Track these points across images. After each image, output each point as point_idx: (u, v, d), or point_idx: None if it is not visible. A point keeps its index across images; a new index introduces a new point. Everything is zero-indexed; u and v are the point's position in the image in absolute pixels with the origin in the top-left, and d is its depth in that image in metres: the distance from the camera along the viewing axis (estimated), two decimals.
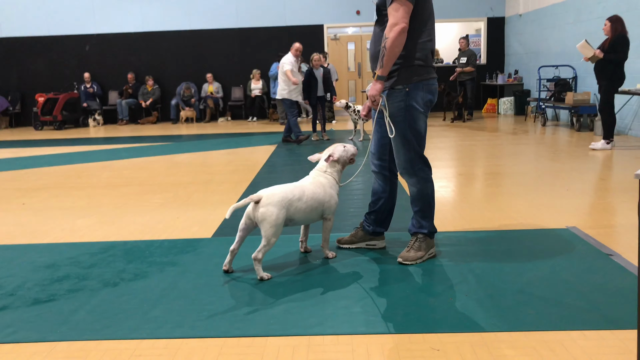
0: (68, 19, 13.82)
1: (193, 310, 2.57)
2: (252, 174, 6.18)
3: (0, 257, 3.47)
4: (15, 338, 2.35)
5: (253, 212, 2.90)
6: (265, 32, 13.73)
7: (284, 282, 2.88)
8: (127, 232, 3.99)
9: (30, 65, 14.09)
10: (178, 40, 13.81)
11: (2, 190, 5.73)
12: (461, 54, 11.71)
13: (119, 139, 10.42)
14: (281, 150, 8.09)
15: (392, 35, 2.82)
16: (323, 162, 3.23)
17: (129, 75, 13.82)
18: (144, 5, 13.71)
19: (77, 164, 7.46)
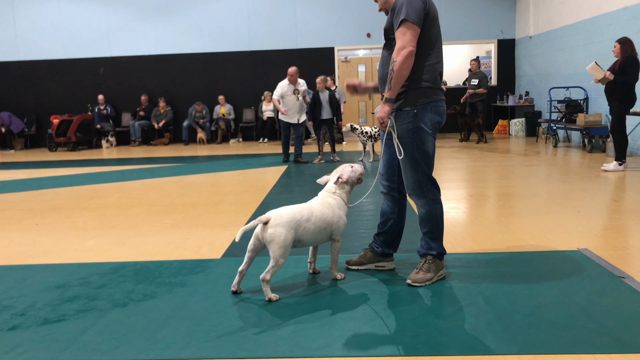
0: (83, 42, 14.10)
1: (201, 331, 2.57)
2: (263, 194, 6.20)
3: (13, 277, 3.51)
4: (25, 358, 2.36)
5: (261, 233, 2.91)
6: (276, 54, 13.91)
7: (292, 303, 2.87)
8: (138, 252, 4.02)
9: (46, 88, 14.35)
10: (190, 62, 14.02)
11: (16, 211, 5.80)
12: (472, 76, 11.75)
13: (131, 160, 10.53)
14: (292, 171, 8.12)
15: (399, 59, 2.85)
16: (332, 184, 3.25)
17: (142, 97, 14.02)
18: (157, 29, 13.96)
19: (89, 184, 7.54)
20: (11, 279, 3.47)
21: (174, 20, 13.95)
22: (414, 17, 2.86)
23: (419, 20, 2.88)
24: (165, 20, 13.96)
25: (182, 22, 13.96)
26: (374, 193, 5.83)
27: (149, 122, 13.94)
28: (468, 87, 11.77)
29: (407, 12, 2.86)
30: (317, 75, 13.63)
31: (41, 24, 14.07)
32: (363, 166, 3.36)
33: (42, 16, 14.05)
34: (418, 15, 2.88)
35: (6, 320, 2.78)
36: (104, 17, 13.99)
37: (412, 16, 2.86)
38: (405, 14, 2.86)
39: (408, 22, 2.86)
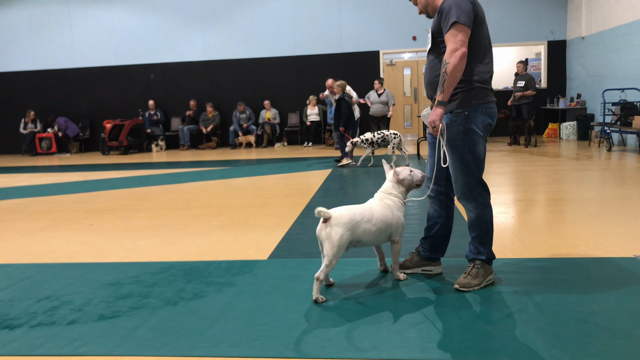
0: (134, 49, 14.56)
1: (249, 330, 2.61)
2: (307, 198, 6.24)
3: (70, 275, 3.66)
4: (83, 351, 2.46)
5: (320, 231, 2.95)
6: (321, 59, 13.98)
7: (339, 304, 2.88)
8: (187, 252, 4.12)
9: (100, 94, 14.89)
10: (237, 68, 14.27)
11: (72, 212, 6.05)
12: (518, 78, 11.50)
13: (180, 164, 10.79)
14: (336, 174, 8.14)
15: (453, 61, 2.82)
16: (388, 183, 3.25)
17: (190, 102, 14.36)
18: (206, 35, 14.28)
19: (140, 187, 7.78)
20: (68, 276, 3.61)
21: (221, 27, 14.24)
22: (465, 19, 2.83)
23: (469, 22, 2.85)
24: (213, 27, 14.26)
25: (229, 29, 14.23)
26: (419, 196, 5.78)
27: (197, 126, 14.26)
28: (514, 89, 11.52)
29: (458, 14, 2.83)
30: (362, 79, 13.64)
31: (95, 32, 14.63)
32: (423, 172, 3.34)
33: (96, 25, 14.60)
34: (468, 16, 2.85)
35: (65, 315, 2.91)
36: (154, 25, 14.42)
37: (462, 18, 2.83)
38: (455, 16, 2.83)
39: (459, 24, 2.83)
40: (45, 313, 2.95)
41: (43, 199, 7.09)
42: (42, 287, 3.42)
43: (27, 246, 4.53)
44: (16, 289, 3.38)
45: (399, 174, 3.24)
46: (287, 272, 3.50)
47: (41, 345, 2.54)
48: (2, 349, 2.52)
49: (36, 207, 6.43)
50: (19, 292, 3.32)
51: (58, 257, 4.13)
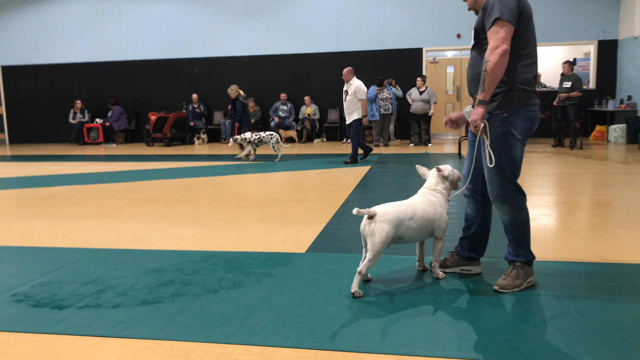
0: (180, 43, 14.85)
1: (287, 321, 2.65)
2: (345, 193, 6.26)
3: (115, 260, 3.78)
4: (127, 334, 2.55)
5: (365, 227, 2.97)
6: (363, 55, 13.95)
7: (377, 300, 2.89)
8: (227, 243, 4.20)
9: (145, 86, 15.25)
10: (279, 63, 14.37)
11: (118, 200, 6.24)
12: (564, 79, 11.19)
13: (221, 157, 10.97)
14: (374, 171, 8.13)
15: (493, 58, 2.78)
16: (432, 180, 3.25)
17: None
18: (250, 31, 14.44)
19: (183, 178, 7.95)
20: (114, 262, 3.74)
21: (264, 23, 14.37)
22: (508, 16, 2.78)
23: (512, 19, 2.80)
24: (257, 23, 14.40)
25: (272, 24, 14.34)
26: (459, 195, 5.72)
27: None
28: (560, 90, 11.21)
29: (501, 11, 2.78)
30: (404, 75, 13.54)
31: (143, 26, 14.98)
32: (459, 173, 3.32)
33: (144, 19, 14.95)
34: (512, 13, 2.79)
35: (110, 299, 3.01)
36: (200, 20, 14.66)
37: (506, 14, 2.78)
38: (498, 12, 2.79)
39: (501, 21, 2.79)
40: (91, 296, 3.07)
41: (90, 186, 7.33)
42: (89, 270, 3.55)
43: (76, 231, 4.71)
44: (65, 272, 3.53)
45: (443, 170, 3.23)
46: (324, 266, 3.53)
47: (88, 326, 2.64)
48: (52, 328, 2.63)
49: (84, 195, 6.65)
50: (67, 275, 3.46)
51: (104, 243, 4.27)
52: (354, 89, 8.91)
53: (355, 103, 8.96)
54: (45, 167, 9.76)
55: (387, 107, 12.27)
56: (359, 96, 8.90)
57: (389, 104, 12.27)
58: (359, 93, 8.90)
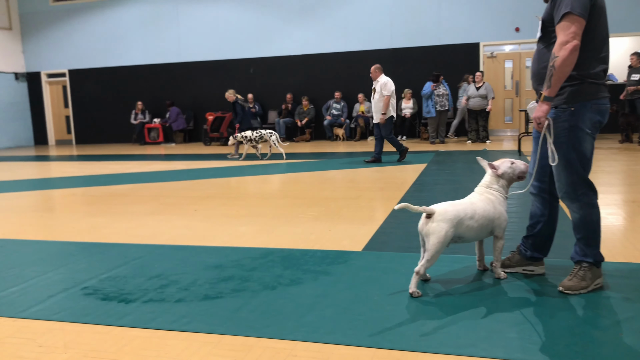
0: (236, 44, 15.13)
1: (345, 319, 2.65)
2: (401, 192, 6.20)
3: (177, 256, 3.90)
4: (190, 327, 2.62)
5: (423, 226, 2.93)
6: (418, 51, 13.77)
7: (436, 299, 2.85)
8: (284, 240, 4.24)
9: (203, 87, 15.64)
10: (333, 61, 14.40)
11: (178, 198, 6.42)
12: (632, 71, 10.65)
13: (275, 155, 11.10)
14: (431, 169, 8.01)
15: (562, 54, 2.67)
16: (487, 177, 3.17)
17: (287, 96, 14.70)
18: (304, 30, 14.53)
19: (239, 176, 8.10)
20: (176, 258, 3.86)
21: (318, 21, 14.42)
22: (579, 9, 2.66)
23: (584, 12, 2.67)
24: (311, 21, 14.48)
25: (326, 23, 14.38)
26: (519, 193, 5.55)
27: (292, 119, 14.58)
28: (627, 83, 10.68)
29: (572, 4, 2.67)
30: (460, 72, 13.27)
31: (200, 28, 15.36)
32: (526, 163, 3.22)
33: (201, 21, 15.32)
34: (584, 7, 2.67)
35: (173, 293, 3.11)
36: (255, 20, 14.89)
37: (577, 8, 2.66)
38: (570, 6, 2.67)
39: (572, 15, 2.67)
40: (155, 290, 3.17)
41: (151, 185, 7.59)
42: (153, 266, 3.67)
43: (139, 228, 4.88)
44: (130, 267, 3.66)
45: (497, 168, 3.14)
46: (381, 264, 3.50)
47: (153, 320, 2.74)
48: (119, 321, 2.74)
49: (146, 192, 6.89)
50: (132, 270, 3.59)
51: (166, 239, 4.41)
52: (381, 86, 8.75)
53: (383, 101, 8.82)
54: (109, 166, 10.18)
55: (444, 104, 12.06)
56: (385, 93, 8.71)
57: (445, 100, 12.07)
58: (385, 90, 8.72)
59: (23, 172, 9.76)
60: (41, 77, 17.07)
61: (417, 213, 3.07)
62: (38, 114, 17.37)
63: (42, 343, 2.53)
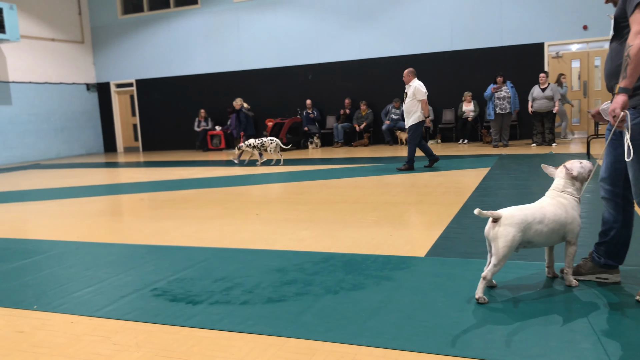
0: (294, 51, 15.32)
1: (409, 325, 2.62)
2: (464, 197, 6.07)
3: (241, 259, 3.98)
4: (255, 330, 2.67)
5: (490, 231, 2.87)
6: (479, 53, 13.47)
7: (503, 306, 2.76)
8: (345, 245, 4.25)
9: (262, 94, 15.92)
10: (392, 65, 14.31)
11: (240, 203, 6.56)
12: None
13: (334, 160, 11.14)
14: (494, 173, 7.80)
15: (637, 42, 2.55)
16: (560, 181, 3.05)
17: (345, 101, 14.73)
18: (361, 34, 14.53)
19: (299, 181, 8.18)
20: (239, 261, 3.94)
21: (376, 26, 14.38)
22: None
23: None
24: (369, 26, 14.46)
25: (384, 27, 14.32)
26: (590, 196, 5.31)
27: (351, 124, 14.59)
28: None
29: None
30: (524, 73, 12.89)
31: (260, 36, 15.66)
32: (593, 163, 3.08)
33: (261, 30, 15.62)
34: None
35: (238, 296, 3.17)
36: (313, 27, 15.03)
37: None
38: None
39: None
40: (221, 292, 3.25)
41: (215, 189, 7.79)
42: (218, 268, 3.76)
43: (204, 231, 5.02)
44: (196, 269, 3.77)
45: (571, 169, 3.02)
46: (445, 270, 3.44)
47: (219, 321, 2.80)
48: (187, 321, 2.83)
49: (209, 197, 7.08)
50: (198, 272, 3.70)
51: (230, 243, 4.51)
52: (413, 90, 8.58)
53: (415, 105, 8.59)
54: (174, 172, 10.52)
55: (504, 107, 11.72)
56: (418, 97, 8.53)
57: (507, 103, 11.73)
58: (417, 94, 8.54)
59: (94, 178, 10.26)
60: (110, 87, 17.90)
61: (484, 218, 2.99)
62: (107, 122, 18.22)
63: (116, 341, 2.64)
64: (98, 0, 17.57)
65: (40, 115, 16.00)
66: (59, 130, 16.65)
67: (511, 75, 12.68)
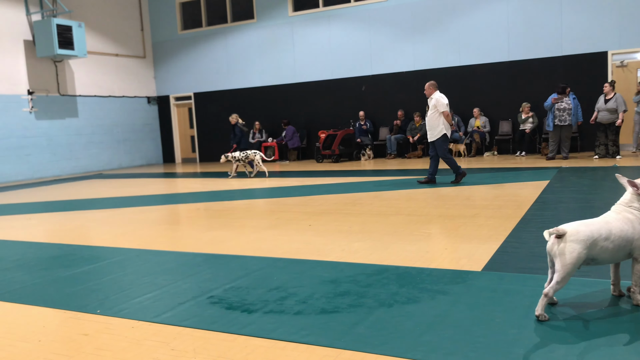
0: (348, 63, 15.39)
1: (466, 340, 2.56)
2: (522, 210, 5.89)
3: (294, 269, 4.01)
4: (309, 340, 2.67)
5: (553, 247, 2.78)
6: (538, 63, 13.11)
7: (565, 324, 2.66)
8: (399, 258, 4.20)
9: (316, 106, 16.05)
10: (446, 76, 14.14)
11: (293, 213, 6.61)
12: None
13: (387, 172, 11.07)
14: (554, 186, 7.54)
15: None
16: (627, 195, 2.92)
17: (399, 112, 14.64)
18: (416, 46, 14.45)
19: (351, 193, 8.17)
20: (292, 271, 3.96)
21: (431, 37, 14.26)
22: None
23: None
24: (423, 37, 14.36)
25: (439, 38, 14.18)
26: None
27: (404, 135, 14.48)
28: None
29: None
30: (586, 83, 12.43)
31: (314, 49, 15.83)
32: None
33: (315, 43, 15.79)
34: None
35: (292, 306, 3.19)
36: (366, 39, 15.06)
37: None
38: None
39: None
40: (275, 302, 3.28)
41: (268, 200, 7.89)
42: (272, 278, 3.80)
43: (258, 241, 5.09)
44: (251, 278, 3.82)
45: (638, 186, 2.88)
46: (503, 285, 3.35)
47: (274, 330, 2.83)
48: (243, 329, 2.87)
49: (262, 208, 7.18)
50: (253, 281, 3.75)
51: (283, 253, 4.55)
52: (434, 102, 8.37)
53: (437, 118, 8.34)
54: (229, 183, 10.74)
55: (563, 118, 11.33)
56: (440, 109, 8.30)
57: (567, 115, 11.33)
58: (439, 106, 8.31)
59: (154, 188, 10.60)
60: (170, 100, 18.51)
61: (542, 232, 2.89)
62: (167, 134, 18.82)
63: (174, 347, 2.71)
64: (159, 17, 18.27)
65: (104, 127, 16.72)
66: (121, 142, 17.33)
67: (572, 85, 12.25)
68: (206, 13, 17.65)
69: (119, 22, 17.27)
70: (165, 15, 18.15)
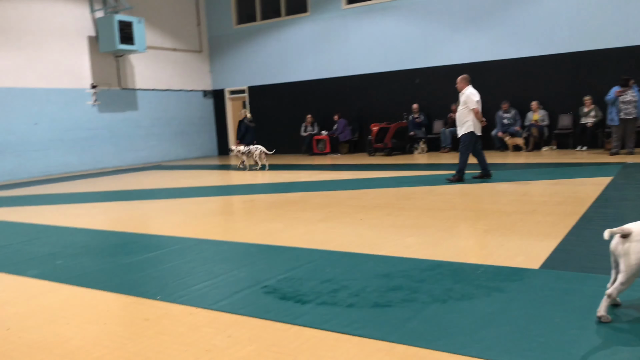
0: (402, 55, 15.21)
1: (523, 339, 2.51)
2: (583, 207, 5.68)
3: (346, 263, 4.03)
4: (361, 333, 2.69)
5: (617, 246, 2.68)
6: (601, 54, 12.55)
7: (629, 327, 2.56)
8: (452, 253, 4.15)
9: (368, 99, 15.97)
10: (504, 68, 13.76)
11: (345, 207, 6.63)
12: None
13: (441, 166, 10.91)
14: (618, 182, 7.22)
15: None
16: None
17: (452, 106, 14.36)
18: (471, 37, 14.12)
19: (404, 187, 8.10)
20: (345, 264, 3.98)
21: (487, 28, 13.90)
22: None
23: None
24: (479, 29, 14.01)
25: (496, 29, 13.80)
26: None
27: None
28: None
29: None
30: None
31: (367, 41, 15.73)
32: None
33: (368, 35, 15.70)
34: None
35: (344, 298, 3.22)
36: (421, 31, 14.84)
37: None
38: None
39: None
40: (328, 294, 3.31)
41: (320, 193, 7.94)
42: (325, 270, 3.84)
43: (310, 234, 5.14)
44: (304, 270, 3.87)
45: None
46: (562, 284, 3.25)
47: (326, 322, 2.86)
48: (296, 319, 2.91)
49: (315, 201, 7.23)
50: (306, 273, 3.79)
51: (335, 246, 4.58)
52: (465, 98, 8.10)
53: (467, 114, 8.08)
54: (282, 175, 10.87)
55: (629, 111, 10.81)
56: (470, 105, 8.02)
57: (632, 108, 10.80)
58: (469, 102, 8.04)
59: (209, 179, 10.86)
60: (225, 93, 18.86)
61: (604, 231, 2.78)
62: (221, 127, 19.21)
63: (231, 334, 2.79)
64: (215, 12, 18.62)
65: (162, 119, 17.24)
66: (178, 134, 17.83)
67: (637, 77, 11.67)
68: (261, 7, 17.84)
69: (177, 17, 17.71)
70: (220, 10, 18.48)
